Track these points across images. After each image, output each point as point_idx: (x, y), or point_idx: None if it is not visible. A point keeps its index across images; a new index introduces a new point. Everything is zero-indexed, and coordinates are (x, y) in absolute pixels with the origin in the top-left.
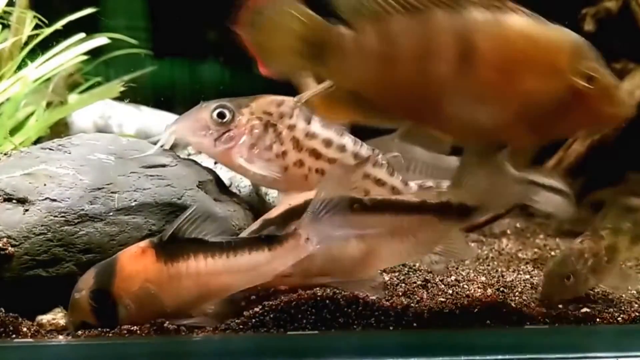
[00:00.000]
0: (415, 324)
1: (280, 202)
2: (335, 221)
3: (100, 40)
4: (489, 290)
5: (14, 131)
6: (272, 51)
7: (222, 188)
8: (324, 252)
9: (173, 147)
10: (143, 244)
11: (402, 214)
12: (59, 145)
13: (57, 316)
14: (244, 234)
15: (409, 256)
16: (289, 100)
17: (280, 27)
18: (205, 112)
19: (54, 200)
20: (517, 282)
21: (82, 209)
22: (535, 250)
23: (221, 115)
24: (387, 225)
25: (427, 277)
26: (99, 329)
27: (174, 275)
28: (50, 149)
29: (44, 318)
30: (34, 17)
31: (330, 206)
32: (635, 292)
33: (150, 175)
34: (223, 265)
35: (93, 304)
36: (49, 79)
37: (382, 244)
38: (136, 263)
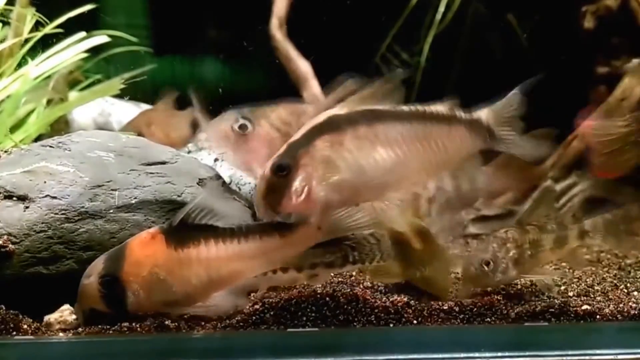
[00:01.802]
0: (414, 322)
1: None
2: (347, 214)
3: (100, 38)
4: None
5: (14, 128)
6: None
7: (222, 185)
8: None
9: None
10: (153, 230)
11: (431, 123)
12: (59, 142)
13: (64, 314)
14: None
15: (438, 169)
16: (310, 110)
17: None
18: (227, 123)
19: (54, 197)
20: None
21: (83, 207)
22: None
23: (242, 127)
24: (416, 133)
25: None
26: (103, 324)
27: (184, 260)
28: (50, 147)
29: (51, 317)
30: (34, 14)
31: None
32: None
33: (150, 173)
34: (234, 251)
35: (102, 290)
36: (49, 77)
37: (412, 154)
38: (146, 249)
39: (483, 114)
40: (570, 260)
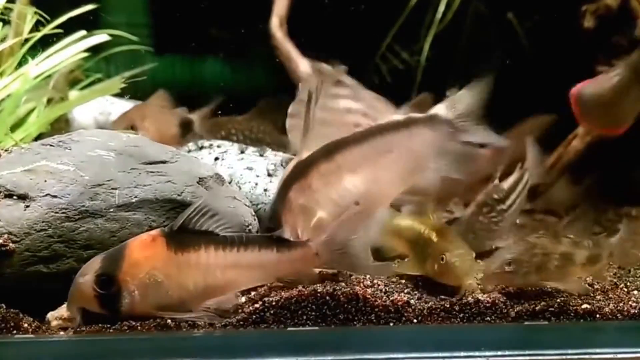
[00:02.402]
0: (415, 321)
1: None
2: (349, 248)
3: (101, 37)
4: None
5: (14, 127)
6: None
7: (223, 185)
8: None
9: None
10: (154, 232)
11: (389, 133)
12: (60, 141)
13: (63, 311)
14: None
15: (413, 173)
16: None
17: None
18: None
19: (55, 196)
20: None
21: (83, 205)
22: None
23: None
24: (376, 149)
25: None
26: (100, 324)
27: (183, 264)
28: (50, 145)
29: (54, 314)
30: (35, 13)
31: (349, 235)
32: None
33: (151, 172)
34: (233, 260)
35: (97, 289)
36: (49, 76)
37: (380, 170)
38: (146, 250)
39: (440, 108)
40: (598, 278)
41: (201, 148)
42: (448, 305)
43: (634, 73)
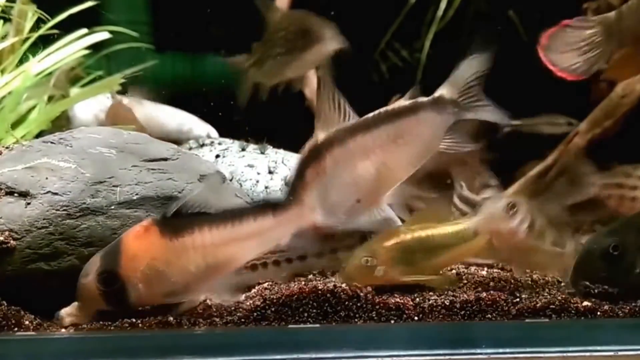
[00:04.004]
0: (416, 318)
1: None
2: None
3: (102, 34)
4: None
5: (15, 125)
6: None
7: (224, 181)
8: None
9: None
10: (145, 222)
11: (398, 118)
12: (61, 138)
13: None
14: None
15: (422, 156)
16: None
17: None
18: None
19: (56, 193)
20: None
21: (84, 203)
22: None
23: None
24: (387, 134)
25: None
26: (108, 318)
27: (180, 250)
28: (51, 143)
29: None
30: (35, 11)
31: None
32: None
33: (152, 169)
34: (229, 235)
35: (101, 287)
36: (50, 73)
37: (391, 155)
38: (141, 242)
39: (443, 89)
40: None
41: (202, 145)
42: (448, 303)
43: (606, 32)
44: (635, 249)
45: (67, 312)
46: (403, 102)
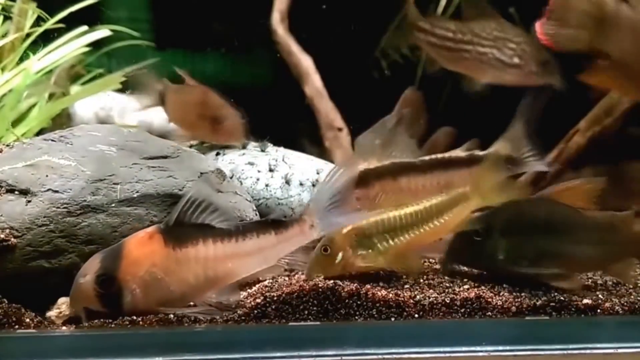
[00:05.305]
0: (416, 315)
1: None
2: (341, 209)
3: (102, 32)
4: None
5: (16, 122)
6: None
7: (224, 179)
8: None
9: None
10: (150, 229)
11: (452, 169)
12: (61, 136)
13: (62, 308)
14: None
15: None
16: None
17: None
18: None
19: (56, 191)
20: None
21: (84, 200)
22: None
23: None
24: (438, 181)
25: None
26: (102, 320)
27: (182, 260)
28: (52, 140)
29: (52, 314)
30: (36, 9)
31: (336, 194)
32: None
33: (152, 167)
34: (232, 250)
35: (98, 289)
36: (51, 71)
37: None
38: (144, 248)
39: (499, 145)
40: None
41: (202, 143)
42: (449, 300)
43: (599, 25)
44: (499, 236)
45: (55, 314)
46: (459, 152)
